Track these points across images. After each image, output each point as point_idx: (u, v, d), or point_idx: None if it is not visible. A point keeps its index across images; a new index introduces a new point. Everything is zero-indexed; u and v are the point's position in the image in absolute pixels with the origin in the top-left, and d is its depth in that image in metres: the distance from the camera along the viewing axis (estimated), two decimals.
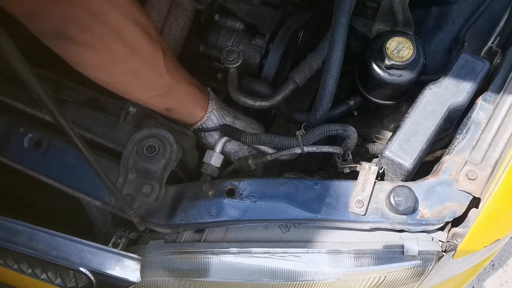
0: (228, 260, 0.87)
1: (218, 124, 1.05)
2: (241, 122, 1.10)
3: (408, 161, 0.90)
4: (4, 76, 0.99)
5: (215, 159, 1.04)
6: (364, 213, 0.86)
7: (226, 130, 1.05)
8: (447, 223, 0.87)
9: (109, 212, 0.94)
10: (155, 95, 0.93)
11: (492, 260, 2.04)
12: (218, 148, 1.05)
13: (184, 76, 0.98)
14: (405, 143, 0.91)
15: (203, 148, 1.07)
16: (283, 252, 0.87)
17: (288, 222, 0.90)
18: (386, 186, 0.89)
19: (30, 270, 0.87)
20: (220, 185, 0.92)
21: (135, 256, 0.84)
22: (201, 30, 1.23)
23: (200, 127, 1.04)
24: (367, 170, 0.89)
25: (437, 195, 0.86)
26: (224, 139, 1.06)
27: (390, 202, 0.85)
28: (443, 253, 0.85)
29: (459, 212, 0.85)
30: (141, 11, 0.84)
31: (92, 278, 0.83)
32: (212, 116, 1.04)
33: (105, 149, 0.96)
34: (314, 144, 0.99)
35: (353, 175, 0.93)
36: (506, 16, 1.08)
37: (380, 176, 0.94)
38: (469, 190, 0.86)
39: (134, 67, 0.86)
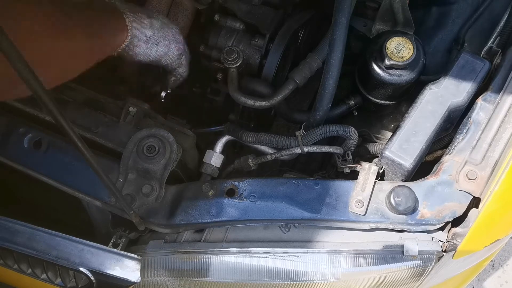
0: (228, 260, 0.87)
1: (148, 36, 0.96)
2: (156, 22, 0.99)
3: (408, 161, 0.90)
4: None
5: (215, 159, 1.04)
6: (364, 213, 0.86)
7: (228, 129, 1.05)
8: (447, 223, 0.87)
9: (109, 212, 0.94)
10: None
11: (492, 260, 2.04)
12: (218, 148, 1.05)
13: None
14: (405, 143, 0.91)
15: (203, 148, 1.08)
16: (283, 252, 0.87)
17: (288, 222, 0.90)
18: (386, 186, 0.89)
19: (30, 270, 0.87)
20: (220, 185, 0.92)
21: (135, 256, 0.84)
22: (201, 30, 1.22)
23: (133, 50, 0.94)
24: (367, 170, 0.89)
25: (437, 195, 0.86)
26: (225, 138, 1.06)
27: (390, 202, 0.85)
28: (443, 253, 0.85)
29: (459, 212, 0.85)
30: None
31: (92, 278, 0.83)
32: (135, 31, 0.93)
33: (105, 149, 0.96)
34: (314, 144, 0.99)
35: (353, 175, 0.93)
36: (506, 16, 1.08)
37: (380, 176, 0.94)
38: (469, 190, 0.86)
39: None
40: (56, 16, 0.76)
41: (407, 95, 1.07)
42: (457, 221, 0.86)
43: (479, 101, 0.93)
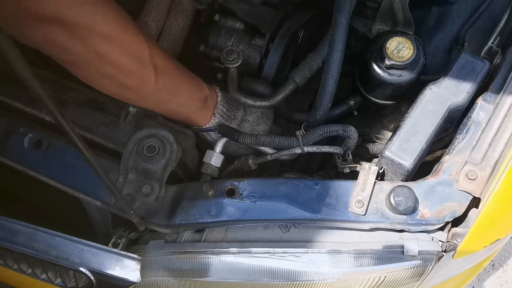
0: (228, 260, 0.87)
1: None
2: (249, 125, 1.11)
3: (408, 161, 0.90)
4: (4, 76, 0.99)
5: (215, 159, 1.04)
6: (364, 213, 0.86)
7: (224, 131, 1.05)
8: (447, 223, 0.86)
9: (109, 212, 0.94)
10: (148, 106, 0.97)
11: (492, 260, 2.04)
12: (218, 148, 1.05)
13: (180, 91, 0.98)
14: (405, 143, 0.91)
15: (203, 148, 1.07)
16: (283, 252, 0.87)
17: (288, 222, 0.90)
18: (386, 186, 0.89)
19: (30, 270, 0.87)
20: (220, 185, 0.92)
21: (135, 256, 0.84)
22: (201, 30, 1.23)
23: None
24: (367, 170, 0.89)
25: (437, 195, 0.86)
26: (225, 139, 1.06)
27: (390, 202, 0.85)
28: (443, 253, 0.85)
29: (459, 212, 0.85)
30: (133, 38, 0.84)
31: (92, 278, 0.83)
32: (214, 124, 1.05)
33: (105, 149, 0.96)
34: (314, 144, 0.99)
35: (353, 175, 0.93)
36: (506, 16, 1.08)
37: (380, 176, 0.94)
38: (469, 190, 0.86)
39: (125, 83, 0.87)
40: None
41: (407, 95, 1.07)
42: (457, 221, 0.86)
43: (479, 101, 0.93)
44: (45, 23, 0.72)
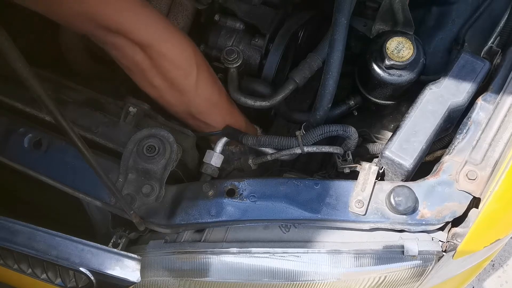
0: (228, 260, 0.87)
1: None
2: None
3: (408, 161, 0.90)
4: (4, 76, 0.99)
5: (215, 159, 1.04)
6: (364, 213, 0.86)
7: (227, 132, 1.05)
8: (447, 223, 0.86)
9: (109, 212, 0.94)
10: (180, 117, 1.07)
11: (492, 260, 2.04)
12: (218, 148, 1.05)
13: (215, 89, 1.06)
14: (405, 143, 0.91)
15: (203, 148, 1.07)
16: (283, 252, 0.87)
17: (288, 222, 0.90)
18: (386, 186, 0.89)
19: (30, 270, 0.87)
20: (220, 185, 0.92)
21: (135, 256, 0.84)
22: (201, 30, 1.23)
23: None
24: (367, 170, 0.89)
25: (437, 195, 0.86)
26: (225, 139, 1.06)
27: (390, 202, 0.85)
28: (443, 253, 0.85)
29: (459, 212, 0.85)
30: (179, 40, 0.96)
31: (92, 278, 0.83)
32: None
33: (105, 149, 0.96)
34: (314, 144, 0.99)
35: (353, 175, 0.93)
36: (506, 16, 1.08)
37: (380, 176, 0.94)
38: (469, 190, 0.86)
39: (169, 100, 1.01)
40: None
41: (407, 95, 1.07)
42: (457, 221, 0.86)
43: (479, 101, 0.93)
44: (116, 34, 0.88)
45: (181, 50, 0.96)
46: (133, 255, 0.83)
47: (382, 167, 0.93)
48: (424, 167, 0.95)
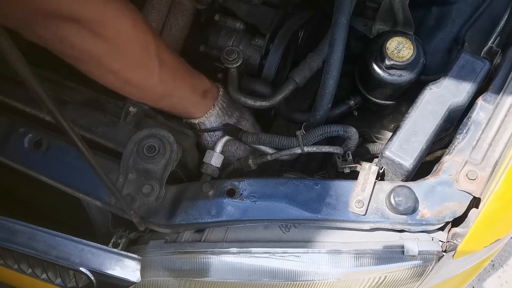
0: (228, 260, 0.87)
1: (216, 125, 1.06)
2: (246, 123, 1.11)
3: (408, 161, 0.90)
4: (4, 76, 0.99)
5: (215, 159, 1.04)
6: (364, 213, 0.86)
7: (228, 130, 1.05)
8: (447, 223, 0.86)
9: (109, 212, 0.94)
10: (149, 100, 0.97)
11: (492, 260, 2.04)
12: (219, 148, 1.05)
13: (182, 84, 0.99)
14: (405, 143, 0.91)
15: (203, 148, 1.07)
16: (283, 252, 0.87)
17: (288, 222, 0.90)
18: (386, 186, 0.89)
19: (30, 270, 0.87)
20: (220, 185, 0.92)
21: (135, 256, 0.84)
22: (201, 30, 1.23)
23: (197, 127, 1.05)
24: (367, 170, 0.89)
25: (437, 195, 0.86)
26: (225, 139, 1.06)
27: (390, 202, 0.85)
28: (443, 253, 0.85)
29: (459, 212, 0.85)
30: (141, 32, 0.85)
31: (92, 278, 0.83)
32: (211, 118, 1.05)
33: (105, 149, 0.96)
34: (314, 144, 0.99)
35: (353, 175, 0.93)
36: (506, 16, 1.08)
37: (380, 176, 0.94)
38: (469, 190, 0.86)
39: (130, 77, 0.88)
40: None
41: (407, 95, 1.07)
42: (457, 221, 0.86)
43: (479, 101, 0.93)
44: (58, 21, 0.73)
45: (132, 20, 0.82)
46: (133, 255, 0.84)
47: (382, 167, 0.93)
48: (424, 167, 0.95)
